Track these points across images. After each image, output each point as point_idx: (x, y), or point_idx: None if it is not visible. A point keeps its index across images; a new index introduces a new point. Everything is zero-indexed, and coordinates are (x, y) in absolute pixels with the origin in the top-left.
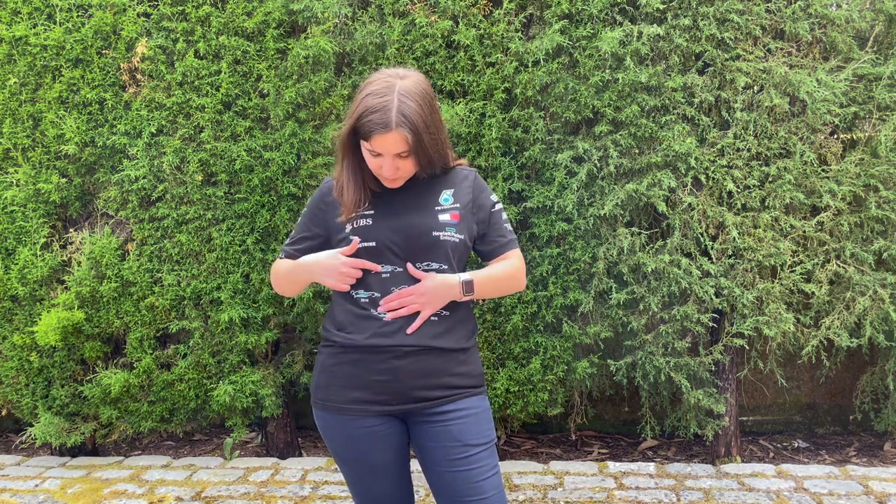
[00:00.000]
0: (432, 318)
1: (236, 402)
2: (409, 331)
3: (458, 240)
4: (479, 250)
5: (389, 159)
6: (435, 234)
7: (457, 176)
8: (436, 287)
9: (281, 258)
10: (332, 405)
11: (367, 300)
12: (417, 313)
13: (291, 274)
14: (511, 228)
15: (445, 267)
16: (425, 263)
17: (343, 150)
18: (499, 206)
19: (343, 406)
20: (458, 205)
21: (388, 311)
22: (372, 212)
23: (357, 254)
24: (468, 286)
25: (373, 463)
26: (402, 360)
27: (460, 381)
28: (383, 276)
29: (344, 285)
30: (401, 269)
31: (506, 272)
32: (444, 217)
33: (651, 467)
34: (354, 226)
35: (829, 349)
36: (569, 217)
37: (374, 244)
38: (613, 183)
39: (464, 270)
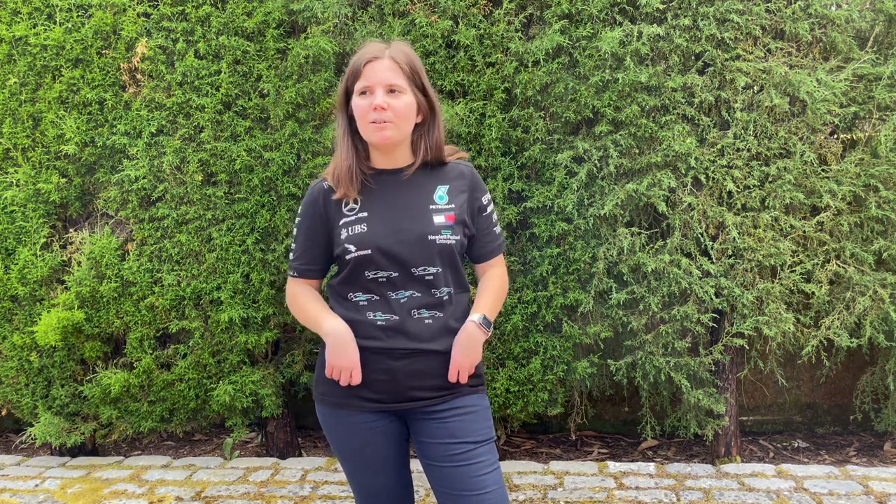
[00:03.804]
0: (426, 321)
1: (236, 402)
2: (460, 380)
3: (453, 241)
4: (468, 253)
5: (380, 91)
6: (431, 238)
7: (452, 171)
8: (468, 349)
9: (293, 276)
10: (331, 399)
11: (366, 303)
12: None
13: (310, 317)
14: (498, 230)
15: (440, 270)
16: (422, 269)
17: (340, 110)
18: (490, 207)
19: (341, 401)
20: (452, 205)
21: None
22: (366, 214)
23: (352, 262)
24: (486, 321)
25: (370, 457)
26: (399, 361)
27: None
28: (380, 280)
29: (331, 372)
30: (396, 274)
31: (501, 289)
32: (438, 219)
33: (651, 467)
34: (349, 232)
35: (829, 349)
36: (569, 217)
37: (368, 252)
38: (613, 183)
39: (459, 269)
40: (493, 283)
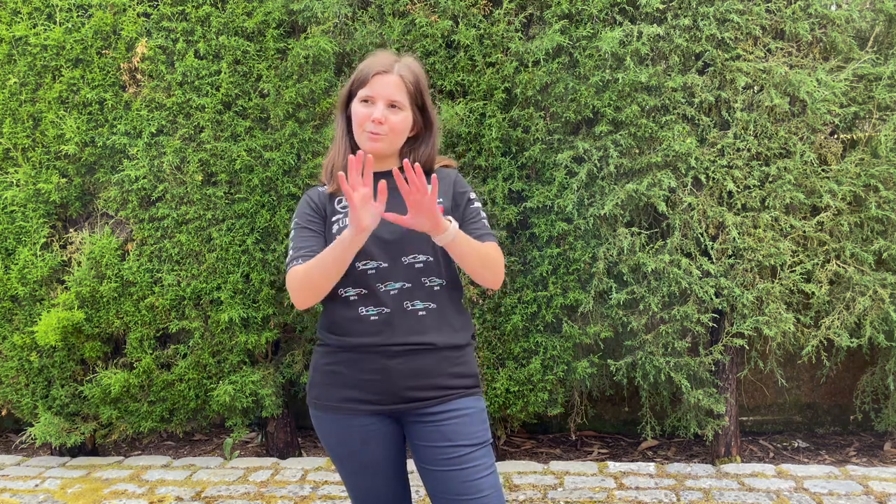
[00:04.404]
0: (420, 312)
1: (236, 402)
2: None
3: None
4: None
5: (381, 105)
6: None
7: (438, 174)
8: (433, 203)
9: (298, 265)
10: (325, 403)
11: (356, 297)
12: (404, 311)
13: (330, 257)
14: (488, 225)
15: (432, 259)
16: (412, 256)
17: (340, 110)
18: (476, 203)
19: (335, 405)
20: (441, 199)
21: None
22: None
23: None
24: (453, 225)
25: (365, 461)
26: (393, 360)
27: (453, 382)
28: (369, 272)
29: (365, 209)
30: (386, 265)
31: (483, 248)
32: None
33: (651, 467)
34: (340, 225)
35: (829, 349)
36: (569, 217)
37: None
38: (613, 183)
39: (450, 260)
40: (479, 243)
